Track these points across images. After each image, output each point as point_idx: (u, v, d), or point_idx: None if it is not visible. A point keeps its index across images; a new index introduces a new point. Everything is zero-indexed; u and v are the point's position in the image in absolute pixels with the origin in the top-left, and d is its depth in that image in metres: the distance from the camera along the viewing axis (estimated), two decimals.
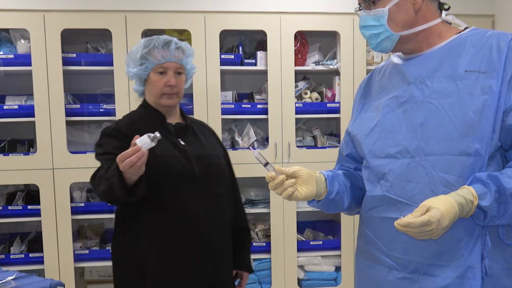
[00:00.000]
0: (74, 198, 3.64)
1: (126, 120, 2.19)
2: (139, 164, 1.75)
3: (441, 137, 1.49)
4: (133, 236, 2.07)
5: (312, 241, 3.83)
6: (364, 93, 1.81)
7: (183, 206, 2.06)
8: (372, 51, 3.70)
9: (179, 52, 2.17)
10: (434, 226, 1.33)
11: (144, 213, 2.05)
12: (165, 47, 2.14)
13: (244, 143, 3.72)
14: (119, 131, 2.10)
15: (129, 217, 2.09)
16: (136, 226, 2.07)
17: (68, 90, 3.59)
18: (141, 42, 2.19)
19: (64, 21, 3.39)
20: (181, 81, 2.20)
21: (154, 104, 2.20)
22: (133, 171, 1.77)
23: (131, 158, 1.73)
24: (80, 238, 3.82)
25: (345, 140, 1.85)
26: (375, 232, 1.65)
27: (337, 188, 1.69)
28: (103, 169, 1.94)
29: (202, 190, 2.10)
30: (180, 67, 2.18)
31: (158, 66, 2.14)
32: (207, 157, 2.18)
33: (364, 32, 1.62)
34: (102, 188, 1.90)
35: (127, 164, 1.73)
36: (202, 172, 2.12)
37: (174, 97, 2.17)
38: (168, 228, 2.04)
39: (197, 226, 2.07)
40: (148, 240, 2.04)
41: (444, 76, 1.53)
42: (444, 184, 1.48)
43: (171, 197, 2.05)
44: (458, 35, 1.58)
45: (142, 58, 2.14)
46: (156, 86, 2.15)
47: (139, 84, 2.22)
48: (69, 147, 3.49)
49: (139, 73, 2.17)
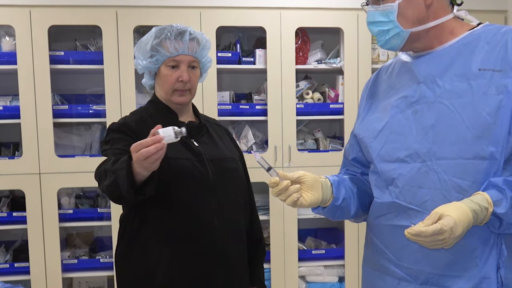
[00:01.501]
0: (62, 204, 3.62)
1: (135, 116, 2.09)
2: (156, 157, 1.63)
3: (453, 140, 1.48)
4: (142, 245, 2.00)
5: (314, 250, 3.83)
6: (371, 93, 1.80)
7: (196, 215, 1.98)
8: (378, 49, 3.70)
9: (193, 43, 2.06)
10: (446, 235, 1.32)
11: (154, 220, 1.98)
12: (178, 38, 2.03)
13: (242, 146, 3.71)
14: (127, 126, 2.02)
15: (137, 224, 2.01)
16: (145, 234, 1.99)
17: (55, 90, 3.58)
18: (152, 32, 2.08)
19: (52, 17, 3.38)
20: (195, 77, 2.10)
21: (165, 100, 2.11)
22: (147, 164, 1.64)
23: (149, 148, 1.60)
24: (68, 247, 3.80)
25: (351, 143, 1.84)
26: (384, 241, 1.64)
27: (343, 194, 1.68)
28: (109, 162, 1.83)
29: (217, 197, 2.03)
30: (194, 61, 2.08)
31: (170, 59, 2.04)
32: (223, 160, 2.10)
33: (372, 28, 1.62)
34: (107, 182, 1.78)
35: (142, 154, 1.61)
36: (218, 177, 2.04)
37: (186, 94, 2.08)
38: (180, 237, 1.97)
39: (211, 236, 1.99)
40: (159, 250, 1.97)
41: (456, 74, 1.52)
42: (457, 189, 1.47)
43: (184, 204, 1.97)
44: (471, 32, 1.57)
45: (153, 50, 2.04)
46: (167, 81, 2.06)
47: (149, 77, 2.13)
48: (57, 151, 3.48)
49: (148, 66, 2.07)
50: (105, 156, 1.97)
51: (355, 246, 3.74)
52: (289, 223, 3.66)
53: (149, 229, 1.99)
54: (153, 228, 1.99)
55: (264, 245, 2.32)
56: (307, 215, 3.73)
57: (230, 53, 3.64)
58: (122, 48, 3.40)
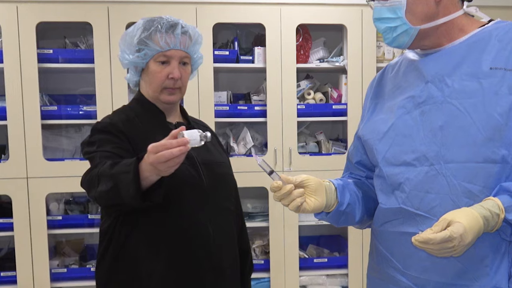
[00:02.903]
0: (51, 210, 3.62)
1: (121, 116, 2.02)
2: (177, 162, 1.58)
3: (463, 142, 1.48)
4: (132, 257, 1.94)
5: (316, 258, 3.83)
6: (376, 92, 1.80)
7: (191, 223, 1.95)
8: (383, 47, 3.71)
9: (185, 37, 2.00)
10: (456, 243, 1.32)
11: (145, 229, 1.92)
12: (170, 31, 1.96)
13: (240, 149, 3.71)
14: (115, 126, 1.95)
15: (125, 234, 1.94)
16: (135, 244, 1.93)
17: (44, 90, 3.58)
18: (140, 23, 2.00)
19: (40, 13, 3.38)
20: (186, 74, 2.05)
21: (152, 98, 2.05)
22: (164, 168, 1.58)
23: (173, 150, 1.54)
24: (57, 255, 3.79)
25: (355, 145, 1.84)
26: (390, 248, 1.64)
27: (348, 198, 1.68)
28: (103, 166, 1.75)
29: (211, 203, 1.99)
30: (186, 57, 2.02)
31: (160, 54, 1.97)
32: (215, 164, 2.07)
33: (378, 25, 1.61)
34: (103, 188, 1.71)
35: (165, 156, 1.54)
36: (211, 182, 2.00)
37: (176, 93, 2.02)
38: (175, 248, 1.93)
39: (206, 244, 1.96)
40: (151, 261, 1.92)
41: (466, 73, 1.52)
42: (467, 195, 1.47)
43: (178, 211, 1.93)
44: (482, 29, 1.57)
45: (141, 43, 1.97)
46: (156, 78, 1.99)
47: (135, 73, 2.06)
48: (45, 154, 3.48)
49: (136, 61, 2.00)
50: (89, 159, 1.91)
51: (359, 254, 3.74)
52: (290, 230, 3.66)
53: (140, 239, 1.93)
54: (144, 238, 1.93)
55: (251, 257, 2.30)
56: (308, 222, 3.73)
57: (227, 51, 3.64)
58: (114, 46, 3.40)
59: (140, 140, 1.93)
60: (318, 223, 3.65)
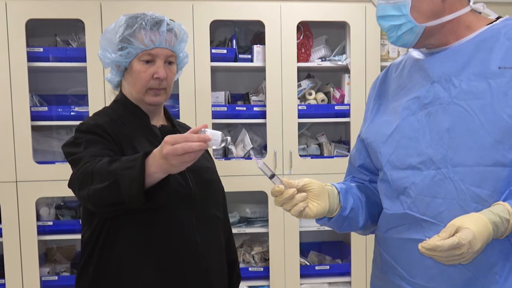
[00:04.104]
0: (41, 215, 3.61)
1: (104, 118, 1.97)
2: (193, 157, 1.54)
3: (471, 145, 1.48)
4: (116, 267, 1.90)
5: (317, 265, 3.82)
6: (379, 93, 1.81)
7: (178, 231, 1.91)
8: (388, 45, 3.71)
9: (171, 35, 1.97)
10: (464, 250, 1.32)
11: (130, 238, 1.89)
12: (155, 28, 1.93)
13: (238, 151, 3.71)
14: (101, 127, 1.90)
15: (109, 243, 1.90)
16: (119, 254, 1.90)
17: (34, 90, 3.58)
18: (122, 20, 1.97)
19: (30, 10, 3.37)
20: (172, 74, 2.01)
21: (135, 100, 2.01)
22: (178, 162, 1.54)
23: (193, 144, 1.51)
24: (48, 262, 3.79)
25: (357, 148, 1.84)
26: (395, 256, 1.64)
27: (351, 203, 1.68)
28: (97, 162, 1.71)
29: (199, 210, 1.96)
30: (171, 55, 1.99)
31: (145, 53, 1.93)
32: (202, 170, 2.03)
33: (382, 23, 1.61)
34: (99, 185, 1.66)
35: (184, 148, 1.50)
36: (199, 189, 1.97)
37: (162, 94, 1.99)
38: (160, 257, 1.89)
39: (193, 254, 1.93)
40: (136, 272, 1.89)
41: (474, 73, 1.52)
42: (475, 199, 1.47)
43: (164, 219, 1.89)
44: (490, 26, 1.57)
45: (124, 41, 1.93)
46: (140, 78, 1.95)
47: (116, 73, 2.02)
48: (35, 157, 3.47)
49: (118, 60, 1.96)
50: (74, 160, 1.85)
51: (363, 261, 3.74)
52: (290, 236, 3.66)
53: (124, 248, 1.89)
54: (129, 248, 1.90)
55: (239, 267, 2.27)
56: (309, 227, 3.73)
57: (225, 49, 3.65)
58: None
59: (125, 143, 1.90)
60: (320, 228, 3.64)
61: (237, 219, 3.80)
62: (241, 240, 3.85)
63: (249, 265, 3.72)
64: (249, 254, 3.76)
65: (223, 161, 3.62)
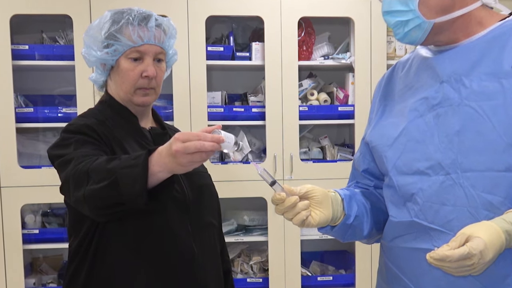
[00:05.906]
0: (27, 223, 3.61)
1: (91, 119, 1.95)
2: (204, 158, 1.53)
3: (482, 149, 1.47)
4: (108, 277, 1.89)
5: (320, 276, 3.83)
6: (385, 93, 1.80)
7: (173, 240, 1.91)
8: (394, 42, 3.71)
9: (160, 31, 1.96)
10: (475, 260, 1.31)
11: (123, 247, 1.88)
12: (143, 23, 1.92)
13: (236, 155, 3.70)
14: (90, 128, 1.88)
15: (102, 252, 1.88)
16: (110, 263, 1.88)
17: (18, 90, 3.59)
18: (107, 15, 1.95)
19: (14, 5, 3.38)
20: (162, 72, 2.00)
21: (123, 101, 2.00)
22: (186, 161, 1.51)
23: (206, 143, 1.50)
24: (33, 273, 3.79)
25: (361, 151, 1.84)
26: (401, 266, 1.64)
27: (356, 210, 1.68)
28: (93, 162, 1.68)
29: (194, 218, 1.96)
30: (161, 52, 1.98)
31: (133, 50, 1.92)
32: (196, 175, 2.02)
33: (388, 19, 1.61)
34: (95, 186, 1.63)
35: (196, 146, 1.49)
36: (194, 195, 1.97)
37: (151, 93, 1.98)
38: (154, 266, 1.89)
39: (189, 263, 1.92)
40: (127, 280, 1.88)
41: (485, 73, 1.51)
42: (486, 206, 1.46)
43: (158, 227, 1.88)
44: (503, 22, 1.57)
45: (110, 38, 1.92)
46: (128, 76, 1.94)
47: (102, 72, 2.01)
48: (20, 161, 3.48)
49: (104, 58, 1.95)
50: (63, 162, 1.82)
51: (368, 271, 3.74)
52: (291, 245, 3.66)
53: (116, 258, 1.89)
54: (121, 257, 1.89)
55: (232, 277, 2.27)
56: (311, 236, 3.73)
57: (222, 47, 3.65)
58: None
59: (115, 146, 1.90)
60: (322, 237, 3.65)
61: (235, 227, 3.80)
62: (238, 249, 3.85)
63: (247, 276, 3.72)
64: (247, 264, 3.76)
65: (219, 165, 3.62)
